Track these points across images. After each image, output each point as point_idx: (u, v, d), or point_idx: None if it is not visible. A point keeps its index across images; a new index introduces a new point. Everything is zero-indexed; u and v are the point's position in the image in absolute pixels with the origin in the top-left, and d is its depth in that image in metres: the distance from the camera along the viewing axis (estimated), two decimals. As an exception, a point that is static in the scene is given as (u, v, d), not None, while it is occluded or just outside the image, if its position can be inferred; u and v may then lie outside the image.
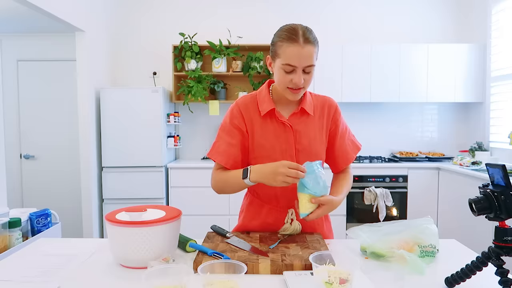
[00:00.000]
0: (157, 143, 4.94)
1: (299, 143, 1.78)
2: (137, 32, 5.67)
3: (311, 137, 1.80)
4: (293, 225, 1.77)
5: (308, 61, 1.59)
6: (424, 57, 5.26)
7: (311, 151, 1.79)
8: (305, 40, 1.59)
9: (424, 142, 5.80)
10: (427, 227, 1.60)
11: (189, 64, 5.27)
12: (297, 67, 1.60)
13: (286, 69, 1.62)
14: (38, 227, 2.24)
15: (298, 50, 1.58)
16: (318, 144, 1.81)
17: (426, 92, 5.27)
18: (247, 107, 1.81)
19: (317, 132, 1.82)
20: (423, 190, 5.00)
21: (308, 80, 1.66)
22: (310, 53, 1.59)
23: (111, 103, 4.91)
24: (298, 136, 1.78)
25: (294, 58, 1.59)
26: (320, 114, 1.84)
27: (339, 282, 1.17)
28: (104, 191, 4.96)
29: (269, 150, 1.77)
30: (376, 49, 5.25)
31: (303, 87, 1.67)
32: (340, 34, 5.68)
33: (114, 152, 4.92)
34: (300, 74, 1.61)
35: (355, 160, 5.07)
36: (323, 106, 1.85)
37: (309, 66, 1.61)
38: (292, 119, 1.79)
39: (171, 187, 5.01)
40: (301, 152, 1.78)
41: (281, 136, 1.77)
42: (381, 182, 4.96)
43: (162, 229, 1.45)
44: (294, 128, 1.78)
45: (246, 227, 1.91)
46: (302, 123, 1.79)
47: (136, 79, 5.68)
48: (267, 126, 1.78)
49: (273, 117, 1.78)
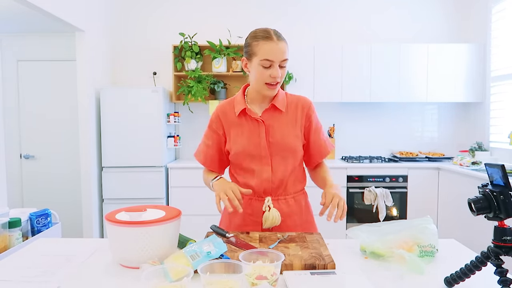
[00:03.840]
0: (157, 143, 4.94)
1: (272, 136, 1.92)
2: (137, 32, 5.67)
3: (284, 131, 1.93)
4: (271, 212, 1.87)
5: (283, 55, 1.79)
6: (424, 57, 5.25)
7: (284, 144, 1.92)
8: (278, 37, 1.80)
9: (424, 142, 5.80)
10: (427, 227, 1.60)
11: (189, 64, 5.27)
12: (274, 62, 1.78)
13: (264, 65, 1.79)
14: (38, 227, 2.24)
15: (273, 46, 1.77)
16: (291, 139, 1.93)
17: (426, 92, 5.27)
18: (224, 111, 2.00)
19: (290, 127, 1.95)
20: (423, 190, 5.00)
21: (283, 75, 1.85)
22: (284, 49, 1.80)
23: (111, 103, 4.91)
24: (271, 130, 1.93)
25: (271, 53, 1.77)
26: (294, 111, 1.97)
27: (256, 277, 1.23)
28: (104, 191, 4.96)
29: (244, 145, 1.93)
30: (376, 49, 5.25)
31: (279, 82, 1.85)
32: (340, 34, 5.68)
33: (114, 152, 4.92)
34: (277, 68, 1.80)
35: (354, 160, 5.14)
36: (297, 104, 1.99)
37: (284, 61, 1.80)
38: (264, 116, 1.94)
39: (171, 187, 5.01)
40: (273, 145, 1.92)
41: (255, 132, 1.93)
42: (381, 182, 4.96)
43: (162, 229, 1.45)
44: (267, 123, 1.93)
45: (229, 219, 2.05)
46: (274, 119, 1.94)
47: (136, 79, 5.68)
48: (242, 124, 1.95)
49: (247, 115, 1.95)
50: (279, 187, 1.94)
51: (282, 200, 1.95)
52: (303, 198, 2.05)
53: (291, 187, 1.98)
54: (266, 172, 1.92)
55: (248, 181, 1.96)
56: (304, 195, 2.07)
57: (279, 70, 1.80)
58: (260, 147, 1.91)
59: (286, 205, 1.96)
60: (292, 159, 1.95)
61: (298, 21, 5.67)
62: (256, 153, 1.92)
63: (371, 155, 5.62)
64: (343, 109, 5.73)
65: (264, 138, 1.91)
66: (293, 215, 1.97)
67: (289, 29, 5.58)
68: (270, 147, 1.91)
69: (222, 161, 2.06)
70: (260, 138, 1.91)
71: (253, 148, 1.92)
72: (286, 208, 1.95)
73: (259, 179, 1.93)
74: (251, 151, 1.92)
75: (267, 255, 1.33)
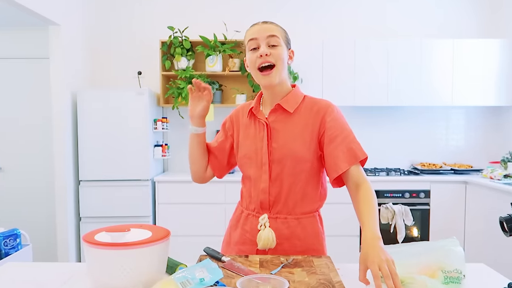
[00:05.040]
0: (143, 153, 4.95)
1: (275, 141, 1.92)
2: (120, 25, 5.70)
3: (289, 136, 1.91)
4: (265, 232, 1.86)
5: (268, 31, 1.86)
6: (449, 54, 5.27)
7: (286, 150, 1.89)
8: (264, 21, 1.91)
9: (449, 151, 5.81)
10: (452, 250, 1.60)
11: (179, 62, 5.29)
12: (258, 38, 1.86)
13: (250, 46, 1.89)
14: (6, 249, 2.24)
15: (257, 27, 1.89)
16: (298, 145, 1.89)
17: (452, 95, 5.28)
18: (240, 112, 2.11)
19: (298, 132, 1.91)
20: (448, 207, 5.00)
21: (276, 54, 1.86)
22: (271, 27, 1.88)
23: (90, 107, 4.92)
24: (275, 134, 1.93)
25: (254, 32, 1.88)
26: (307, 114, 1.93)
27: None
28: (81, 208, 4.95)
29: (247, 149, 1.98)
30: (394, 44, 5.27)
31: (275, 65, 1.86)
32: (352, 28, 5.71)
33: (93, 164, 4.93)
34: (264, 46, 1.85)
35: (369, 173, 5.13)
36: (313, 107, 1.94)
37: (271, 37, 1.85)
38: (270, 117, 1.96)
39: (158, 203, 5.00)
40: (276, 150, 1.91)
41: (259, 135, 1.96)
42: (400, 198, 4.96)
43: (148, 252, 1.45)
44: (271, 126, 1.94)
45: (229, 234, 2.10)
46: (280, 121, 1.94)
47: (119, 79, 5.71)
48: (250, 126, 2.02)
49: (255, 117, 2.00)
50: (277, 201, 1.91)
51: (281, 219, 1.92)
52: (313, 223, 1.96)
53: (296, 206, 1.92)
54: (264, 182, 1.92)
55: (248, 190, 2.01)
56: (314, 219, 1.97)
57: (269, 49, 1.84)
58: (261, 152, 1.93)
59: (285, 225, 1.91)
60: (296, 171, 1.89)
61: (303, 13, 5.71)
62: (256, 159, 1.94)
63: (388, 167, 5.63)
64: (356, 114, 5.74)
65: (266, 143, 1.92)
66: (293, 238, 1.92)
67: (293, 22, 5.62)
68: (271, 153, 1.91)
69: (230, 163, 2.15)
70: (262, 142, 1.93)
71: (254, 153, 1.95)
72: (285, 229, 1.91)
73: (256, 189, 1.95)
74: (252, 156, 1.95)
75: (269, 281, 1.33)
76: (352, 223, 4.91)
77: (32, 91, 5.60)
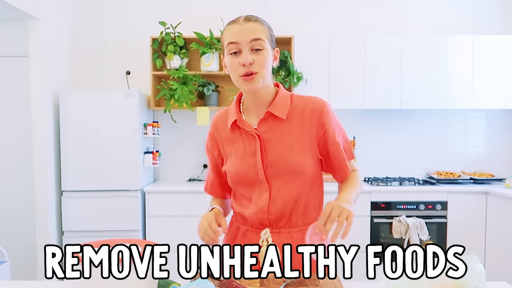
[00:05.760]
0: (131, 161, 4.94)
1: (271, 154, 1.89)
2: (107, 21, 5.71)
3: (286, 146, 1.89)
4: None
5: (251, 34, 1.78)
6: (468, 52, 5.26)
7: (286, 163, 1.88)
8: (246, 18, 1.82)
9: (468, 159, 5.80)
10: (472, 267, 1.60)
11: (172, 61, 5.29)
12: (239, 43, 1.78)
13: (230, 50, 1.82)
14: (-20, 267, 2.23)
15: (237, 27, 1.80)
16: (296, 154, 1.88)
17: (471, 96, 5.27)
18: (216, 126, 2.05)
19: (295, 141, 1.89)
20: (467, 220, 4.98)
21: (260, 61, 1.80)
22: (253, 27, 1.79)
23: (73, 111, 4.92)
24: (269, 146, 1.90)
25: (234, 34, 1.79)
26: (300, 117, 1.91)
27: None
28: (64, 221, 4.94)
29: (238, 167, 1.94)
30: (407, 42, 5.27)
31: (257, 72, 1.80)
32: (363, 24, 5.71)
33: (76, 173, 4.92)
34: (246, 52, 1.78)
35: (380, 182, 5.12)
36: (305, 108, 1.92)
37: (255, 41, 1.78)
38: (260, 127, 1.92)
39: (148, 216, 4.99)
40: (273, 165, 1.89)
41: (250, 149, 1.92)
42: (414, 210, 4.95)
43: (137, 270, 1.44)
44: (263, 137, 1.90)
45: None
46: (274, 131, 1.91)
47: (105, 80, 5.71)
48: (236, 140, 1.97)
49: (240, 128, 1.95)
50: (281, 219, 1.92)
51: (285, 233, 1.92)
52: None
53: (300, 218, 1.94)
54: (263, 201, 1.91)
55: (243, 210, 1.99)
56: None
57: (251, 55, 1.78)
58: (256, 168, 1.89)
59: (290, 239, 1.91)
60: (299, 183, 1.90)
61: (308, 7, 5.72)
62: (251, 176, 1.91)
63: (401, 176, 5.61)
64: (365, 118, 5.75)
65: (260, 157, 1.89)
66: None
67: (297, 16, 5.63)
68: (268, 168, 1.89)
69: (223, 185, 2.12)
70: (256, 157, 1.89)
71: (248, 170, 1.91)
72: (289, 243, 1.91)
73: (254, 208, 1.93)
74: (246, 174, 1.92)
75: None
76: (363, 233, 4.88)
77: (9, 92, 5.54)
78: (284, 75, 5.13)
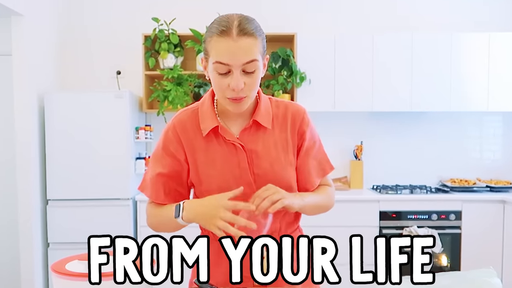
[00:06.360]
0: (122, 167, 4.94)
1: (258, 166, 1.83)
2: (96, 17, 5.71)
3: (273, 158, 1.84)
4: None
5: (245, 56, 1.61)
6: (484, 51, 5.27)
7: (274, 175, 1.83)
8: (240, 31, 1.60)
9: (484, 165, 5.80)
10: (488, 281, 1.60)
11: (166, 60, 5.30)
12: (231, 66, 1.62)
13: (219, 70, 1.64)
14: (-41, 281, 2.24)
15: (230, 44, 1.59)
16: (282, 167, 1.84)
17: (487, 98, 5.28)
18: (184, 127, 1.88)
19: (280, 151, 1.85)
20: (483, 231, 4.98)
21: (252, 84, 1.68)
22: (248, 46, 1.61)
23: (60, 113, 4.91)
24: (255, 158, 1.83)
25: (225, 53, 1.60)
26: (282, 126, 1.87)
27: None
28: (50, 232, 4.94)
29: (219, 180, 1.83)
30: (418, 39, 5.28)
31: (247, 96, 1.69)
32: (370, 20, 5.73)
33: (63, 180, 4.91)
34: (237, 75, 1.62)
35: (389, 190, 5.12)
36: (285, 115, 1.88)
37: (249, 63, 1.62)
38: (244, 137, 1.83)
39: (140, 226, 4.99)
40: (262, 178, 1.82)
41: (232, 161, 1.82)
42: (426, 220, 4.95)
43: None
44: (247, 147, 1.82)
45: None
46: (258, 141, 1.84)
47: (94, 80, 5.70)
48: (213, 149, 1.84)
49: (218, 136, 1.83)
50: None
51: None
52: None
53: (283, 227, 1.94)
54: None
55: None
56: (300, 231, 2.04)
57: (243, 78, 1.64)
58: (243, 181, 1.80)
59: None
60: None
61: (311, 2, 5.73)
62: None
63: (412, 184, 5.62)
64: (374, 121, 5.75)
65: (247, 170, 1.82)
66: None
67: (300, 12, 5.64)
68: (256, 181, 1.82)
69: (183, 196, 1.95)
70: (241, 170, 1.82)
71: (233, 184, 1.78)
72: None
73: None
74: (230, 188, 1.74)
75: None
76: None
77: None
78: (287, 75, 5.14)
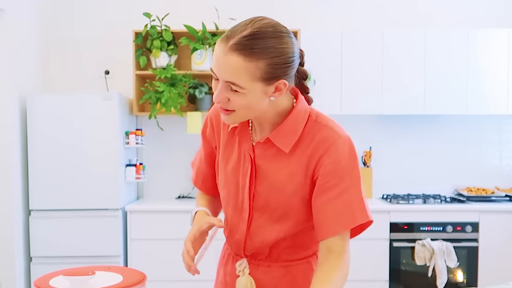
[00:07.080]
0: (111, 175, 4.95)
1: (260, 183, 1.77)
2: (83, 13, 5.72)
3: (277, 181, 1.74)
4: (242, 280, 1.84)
5: (225, 74, 1.53)
6: (503, 49, 5.28)
7: (273, 199, 1.76)
8: (236, 46, 1.49)
9: (503, 173, 5.81)
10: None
11: (158, 58, 5.30)
12: (217, 74, 1.57)
13: (213, 74, 1.59)
14: None
15: (218, 55, 1.54)
16: (287, 195, 1.73)
17: (507, 101, 5.29)
18: (218, 118, 1.88)
19: (291, 180, 1.73)
20: (502, 243, 4.99)
21: (237, 103, 1.57)
22: (234, 66, 1.50)
23: (43, 116, 4.92)
24: (259, 174, 1.77)
25: (214, 61, 1.57)
26: (305, 150, 1.71)
27: None
28: (32, 245, 4.94)
29: (225, 179, 1.87)
30: (432, 36, 5.28)
31: (232, 109, 1.60)
32: (380, 16, 5.74)
33: (47, 189, 4.91)
34: (220, 87, 1.56)
35: (400, 200, 5.13)
36: (314, 137, 1.70)
37: (230, 83, 1.53)
38: (258, 149, 1.77)
39: (130, 239, 5.01)
40: (260, 196, 1.78)
41: (242, 167, 1.80)
42: (441, 233, 4.96)
43: (118, 301, 1.46)
44: (257, 162, 1.77)
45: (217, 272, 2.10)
46: (270, 159, 1.75)
47: (80, 81, 5.71)
48: (230, 148, 1.86)
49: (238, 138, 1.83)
50: (257, 254, 1.86)
51: (263, 267, 1.87)
52: (305, 271, 1.87)
53: (284, 254, 1.86)
54: (240, 234, 1.86)
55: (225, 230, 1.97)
56: (307, 266, 1.88)
57: (228, 93, 1.56)
58: (243, 193, 1.80)
59: (268, 275, 1.86)
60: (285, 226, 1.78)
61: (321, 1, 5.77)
62: (235, 197, 1.83)
63: (425, 193, 5.60)
64: (384, 125, 5.76)
65: (247, 184, 1.78)
66: None
67: (305, 7, 5.65)
68: (254, 198, 1.79)
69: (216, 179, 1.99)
70: (244, 180, 1.79)
71: (234, 189, 1.82)
72: (268, 280, 1.86)
73: (231, 237, 1.92)
74: (231, 191, 1.83)
75: None
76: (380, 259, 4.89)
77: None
78: (289, 75, 5.13)
